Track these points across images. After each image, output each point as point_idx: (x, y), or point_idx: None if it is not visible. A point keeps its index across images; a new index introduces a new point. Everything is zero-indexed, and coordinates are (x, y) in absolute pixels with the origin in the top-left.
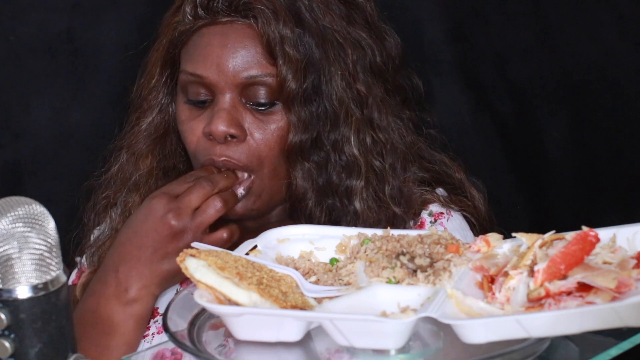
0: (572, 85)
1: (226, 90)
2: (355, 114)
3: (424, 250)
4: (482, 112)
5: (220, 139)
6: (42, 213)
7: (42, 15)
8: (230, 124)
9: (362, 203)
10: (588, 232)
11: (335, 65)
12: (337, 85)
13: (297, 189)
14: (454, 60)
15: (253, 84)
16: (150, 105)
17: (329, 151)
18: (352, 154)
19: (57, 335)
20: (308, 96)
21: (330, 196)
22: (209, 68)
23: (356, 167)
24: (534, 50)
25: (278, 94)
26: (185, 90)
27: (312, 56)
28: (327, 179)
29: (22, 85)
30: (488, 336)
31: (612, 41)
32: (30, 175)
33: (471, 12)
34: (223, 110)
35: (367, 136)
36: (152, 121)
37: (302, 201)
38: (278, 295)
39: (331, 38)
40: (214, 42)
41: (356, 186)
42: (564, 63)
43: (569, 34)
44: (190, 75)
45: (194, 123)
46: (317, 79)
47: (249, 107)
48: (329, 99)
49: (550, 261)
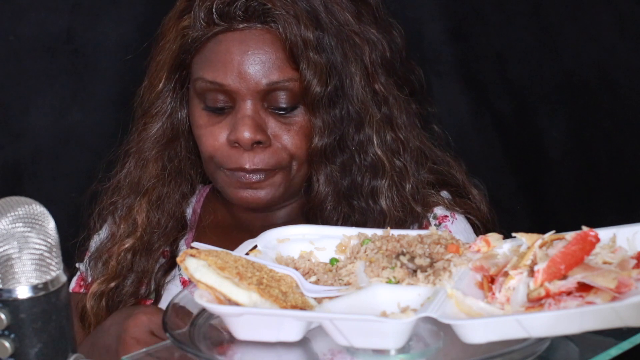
0: (572, 85)
1: (248, 97)
2: (377, 114)
3: (424, 250)
4: (482, 112)
5: (247, 146)
6: (42, 213)
7: (42, 15)
8: (256, 131)
9: (388, 202)
10: (588, 232)
11: (354, 66)
12: (358, 86)
13: (319, 191)
14: (454, 60)
15: (275, 89)
16: (158, 110)
17: (353, 153)
18: (376, 154)
19: (57, 335)
20: (332, 99)
21: (355, 197)
22: (230, 76)
23: (380, 167)
24: (534, 50)
25: (300, 98)
26: (203, 97)
27: (334, 58)
28: (352, 180)
29: (22, 85)
30: (488, 336)
31: (612, 41)
32: (30, 175)
33: (471, 12)
34: (247, 117)
35: (388, 135)
36: (160, 127)
37: (323, 204)
38: (278, 295)
39: (348, 37)
40: (233, 49)
41: (381, 186)
42: (564, 63)
43: (569, 34)
44: (209, 83)
45: (215, 129)
46: (339, 81)
47: (270, 112)
48: (351, 100)
49: (550, 261)
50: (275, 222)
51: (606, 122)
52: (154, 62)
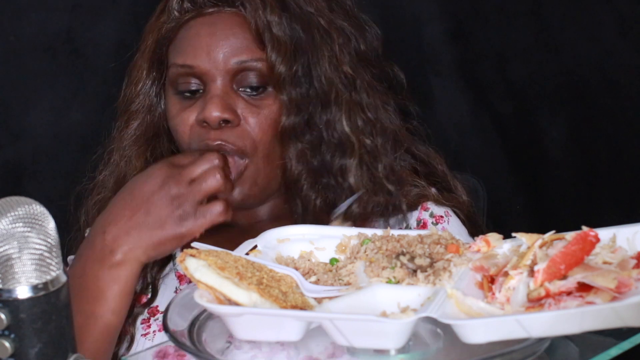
0: (572, 85)
1: (217, 78)
2: (345, 95)
3: (424, 250)
4: (482, 112)
5: (215, 125)
6: (42, 213)
7: (42, 15)
8: (224, 109)
9: (357, 179)
10: (588, 232)
11: (322, 49)
12: (325, 68)
13: (292, 170)
14: (454, 60)
15: (243, 69)
16: (138, 107)
17: (321, 131)
18: (344, 132)
19: (57, 335)
20: (298, 79)
21: (325, 175)
22: (199, 57)
23: (349, 146)
24: (534, 50)
25: (269, 78)
26: (175, 84)
27: (299, 40)
28: (322, 159)
29: (22, 85)
30: (488, 336)
31: (612, 41)
32: (30, 175)
33: (471, 12)
34: (216, 96)
35: (358, 117)
36: (141, 123)
37: (298, 183)
38: (278, 295)
39: (316, 24)
40: (202, 32)
41: (350, 164)
42: (564, 63)
43: (569, 34)
44: (180, 67)
45: (185, 114)
46: (305, 61)
47: (240, 93)
48: (318, 80)
49: (550, 261)
50: (260, 217)
51: (606, 122)
52: (134, 62)
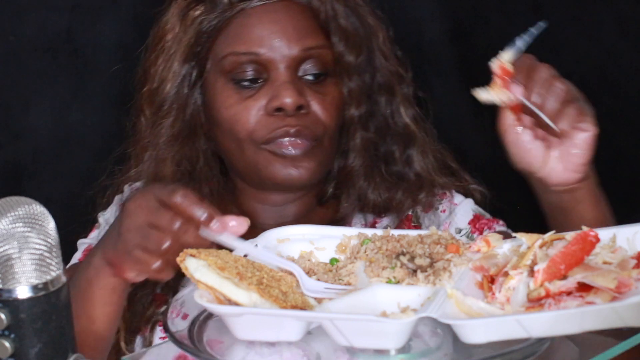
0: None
1: (283, 65)
2: (401, 88)
3: (424, 250)
4: (482, 112)
5: (291, 111)
6: (42, 213)
7: (42, 15)
8: (299, 95)
9: (422, 165)
10: (588, 232)
11: (374, 41)
12: (381, 59)
13: (354, 160)
14: (454, 60)
15: (308, 57)
16: (170, 104)
17: (387, 121)
18: (406, 122)
19: (57, 335)
20: (363, 68)
21: (392, 164)
22: (264, 44)
23: (413, 136)
24: (534, 50)
25: (331, 67)
26: (232, 73)
27: (360, 30)
28: (388, 148)
29: (22, 85)
30: (488, 336)
31: (612, 41)
32: (30, 175)
33: (471, 12)
34: (287, 82)
35: (410, 108)
36: (175, 120)
37: (357, 173)
38: (278, 295)
39: (365, 17)
40: (264, 18)
41: (413, 154)
42: (564, 63)
43: (569, 34)
44: (243, 55)
45: (248, 102)
46: (367, 52)
47: (304, 82)
48: (379, 71)
49: (550, 261)
50: (287, 217)
51: (606, 122)
52: (160, 60)
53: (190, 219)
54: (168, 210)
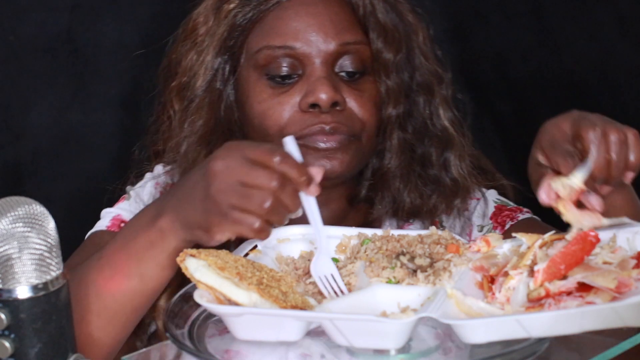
0: (572, 85)
1: (319, 60)
2: (440, 89)
3: (424, 250)
4: (482, 112)
5: (326, 107)
6: (42, 213)
7: (42, 15)
8: (335, 91)
9: (460, 170)
10: (588, 232)
11: (414, 39)
12: (420, 58)
13: (391, 161)
14: (454, 60)
15: (345, 52)
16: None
17: (425, 122)
18: (444, 125)
19: (57, 335)
20: (402, 67)
21: (429, 167)
22: (301, 38)
23: (450, 138)
24: (534, 50)
25: (369, 64)
26: (266, 67)
27: (401, 27)
28: (425, 150)
29: (22, 85)
30: (488, 336)
31: (612, 41)
32: (30, 175)
33: (471, 12)
34: (323, 78)
35: (448, 111)
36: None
37: (394, 175)
38: (278, 296)
39: (405, 14)
40: (301, 12)
41: (451, 157)
42: (564, 63)
43: (569, 34)
44: (277, 49)
45: (283, 97)
46: (406, 50)
47: (341, 78)
48: (419, 69)
49: (550, 261)
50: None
51: None
52: (192, 53)
53: (287, 178)
54: (264, 169)
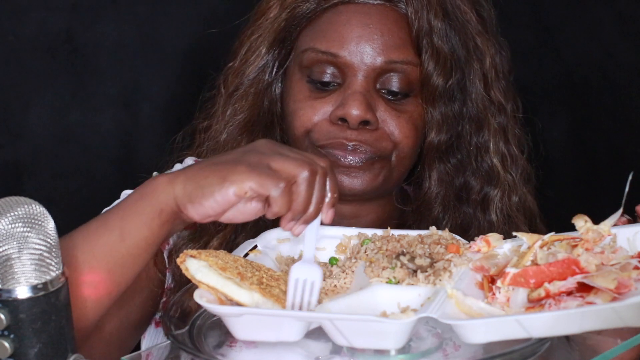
0: (573, 85)
1: (361, 73)
2: (494, 121)
3: (424, 251)
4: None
5: (354, 124)
6: (42, 213)
7: (42, 15)
8: (367, 110)
9: (498, 213)
10: (578, 262)
11: (475, 66)
12: (478, 87)
13: (429, 190)
14: None
15: (391, 70)
16: (250, 87)
17: (470, 154)
18: (492, 161)
19: (57, 335)
20: (452, 94)
21: (465, 202)
22: (347, 47)
23: (495, 176)
24: (534, 50)
25: (416, 86)
26: (309, 70)
27: (457, 52)
28: (465, 183)
29: (22, 85)
30: (488, 336)
31: (612, 41)
32: (30, 175)
33: None
34: (359, 93)
35: (502, 146)
36: (253, 106)
37: (432, 204)
38: (279, 295)
39: (471, 36)
40: (353, 20)
41: (494, 195)
42: (564, 63)
43: (569, 34)
44: (321, 54)
45: (317, 103)
46: (461, 76)
47: (381, 95)
48: (471, 99)
49: (522, 271)
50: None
51: (606, 122)
52: (252, 38)
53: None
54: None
